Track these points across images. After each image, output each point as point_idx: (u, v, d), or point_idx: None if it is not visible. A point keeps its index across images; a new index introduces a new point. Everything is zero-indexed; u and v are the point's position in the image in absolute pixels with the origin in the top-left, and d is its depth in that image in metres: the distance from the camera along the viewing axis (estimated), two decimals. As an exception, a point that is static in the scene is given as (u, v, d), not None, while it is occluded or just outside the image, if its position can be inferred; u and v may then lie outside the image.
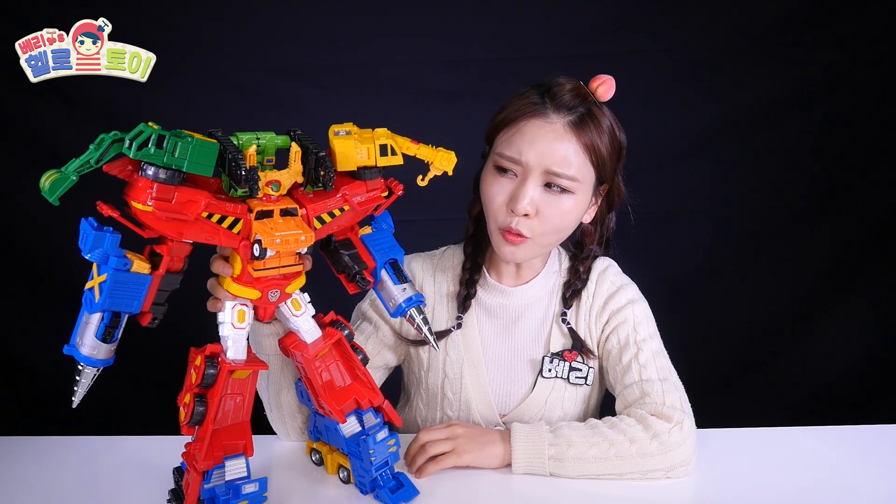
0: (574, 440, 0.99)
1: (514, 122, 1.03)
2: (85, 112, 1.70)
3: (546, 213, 1.02)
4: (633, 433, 0.99)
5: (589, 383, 1.13)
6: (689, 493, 0.97)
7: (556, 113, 1.02)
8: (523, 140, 1.01)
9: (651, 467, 0.98)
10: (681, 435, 0.99)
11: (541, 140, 1.01)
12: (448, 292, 1.16)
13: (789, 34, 1.78)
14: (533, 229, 1.03)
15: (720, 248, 1.90)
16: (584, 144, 1.02)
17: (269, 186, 0.82)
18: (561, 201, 1.03)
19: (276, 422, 1.07)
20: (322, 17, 1.74)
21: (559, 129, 1.01)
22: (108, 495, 0.96)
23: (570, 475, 0.99)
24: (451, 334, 1.14)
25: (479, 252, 1.16)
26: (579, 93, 1.03)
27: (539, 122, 1.02)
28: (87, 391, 0.79)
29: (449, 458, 1.00)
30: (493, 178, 1.05)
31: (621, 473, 0.98)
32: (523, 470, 0.99)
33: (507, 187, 1.03)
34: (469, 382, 1.14)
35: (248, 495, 0.86)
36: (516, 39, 1.75)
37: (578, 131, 1.01)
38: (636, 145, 1.80)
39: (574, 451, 0.99)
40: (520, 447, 1.00)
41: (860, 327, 1.93)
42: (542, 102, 1.03)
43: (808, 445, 1.08)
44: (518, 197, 1.01)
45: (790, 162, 1.86)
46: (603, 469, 0.98)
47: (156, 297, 0.80)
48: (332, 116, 0.90)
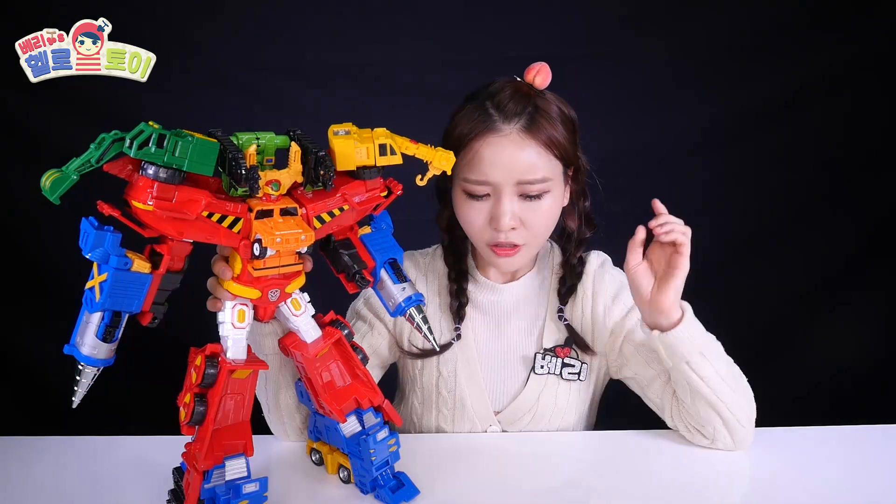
0: (716, 351, 1.04)
1: (469, 145, 1.01)
2: (85, 112, 1.70)
3: (530, 219, 1.03)
4: (744, 379, 1.05)
5: (582, 379, 1.14)
6: (689, 493, 0.97)
7: (506, 123, 1.00)
8: (484, 161, 1.00)
9: (744, 411, 1.03)
10: None
11: (501, 156, 0.99)
12: (441, 298, 1.16)
13: (789, 34, 1.78)
14: (523, 237, 1.03)
15: (720, 248, 1.90)
16: (543, 143, 1.01)
17: (269, 186, 0.82)
18: (540, 205, 1.03)
19: (275, 422, 1.07)
20: (322, 17, 1.74)
21: (515, 139, 1.00)
22: (108, 495, 0.96)
23: (701, 375, 1.00)
24: (444, 321, 1.14)
25: (460, 258, 1.16)
26: (520, 92, 1.02)
27: (493, 138, 1.00)
28: (87, 391, 0.79)
29: (684, 257, 1.01)
30: (466, 204, 1.04)
31: (728, 404, 1.01)
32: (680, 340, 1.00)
33: (482, 209, 1.03)
34: (463, 380, 1.14)
35: (248, 495, 0.86)
36: (516, 40, 1.75)
37: (534, 132, 1.00)
38: (636, 145, 1.81)
39: (715, 359, 1.02)
40: (690, 323, 1.01)
41: (860, 327, 1.93)
42: (488, 117, 1.00)
43: (809, 445, 1.08)
44: (498, 216, 1.01)
45: (790, 162, 1.86)
46: (721, 388, 1.01)
47: (156, 296, 0.80)
48: (331, 116, 0.90)
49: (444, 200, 1.13)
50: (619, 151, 1.74)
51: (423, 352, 1.15)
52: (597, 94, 1.57)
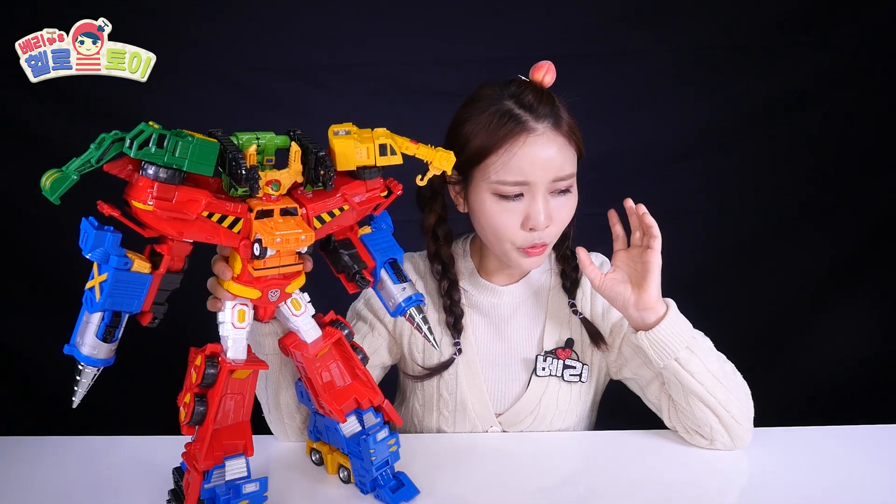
0: (706, 341, 1.05)
1: (501, 146, 1.00)
2: (85, 112, 1.70)
3: (558, 216, 1.03)
4: (738, 376, 1.06)
5: (583, 380, 1.14)
6: (688, 493, 0.97)
7: (538, 122, 1.00)
8: (524, 162, 1.00)
9: (739, 408, 1.02)
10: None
11: (539, 154, 1.00)
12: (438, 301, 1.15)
13: (789, 34, 1.78)
14: (551, 234, 1.04)
15: (720, 248, 1.90)
16: (568, 138, 1.02)
17: (269, 186, 0.82)
18: (566, 202, 1.04)
19: (275, 423, 1.07)
20: (322, 16, 1.74)
21: (549, 136, 1.01)
22: (108, 495, 0.96)
23: (691, 371, 1.01)
24: (444, 336, 1.14)
25: (447, 268, 1.14)
26: (542, 92, 1.03)
27: (529, 137, 1.00)
28: (87, 391, 0.79)
29: (656, 252, 1.02)
30: (497, 206, 1.03)
31: (722, 401, 1.01)
32: (666, 335, 1.01)
33: (517, 210, 1.02)
34: (464, 382, 1.14)
35: (248, 495, 0.86)
36: (516, 39, 1.75)
37: (559, 128, 1.01)
38: (635, 145, 1.81)
39: (703, 354, 1.02)
40: (675, 319, 1.02)
41: (860, 327, 1.93)
42: (518, 118, 1.00)
43: (809, 445, 1.08)
44: (537, 216, 1.01)
45: (790, 162, 1.86)
46: (712, 384, 1.01)
47: (156, 296, 0.80)
48: (331, 116, 0.90)
49: (429, 207, 1.13)
50: (619, 151, 1.75)
51: (428, 372, 1.14)
52: (595, 94, 1.56)
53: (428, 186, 1.11)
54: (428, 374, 1.14)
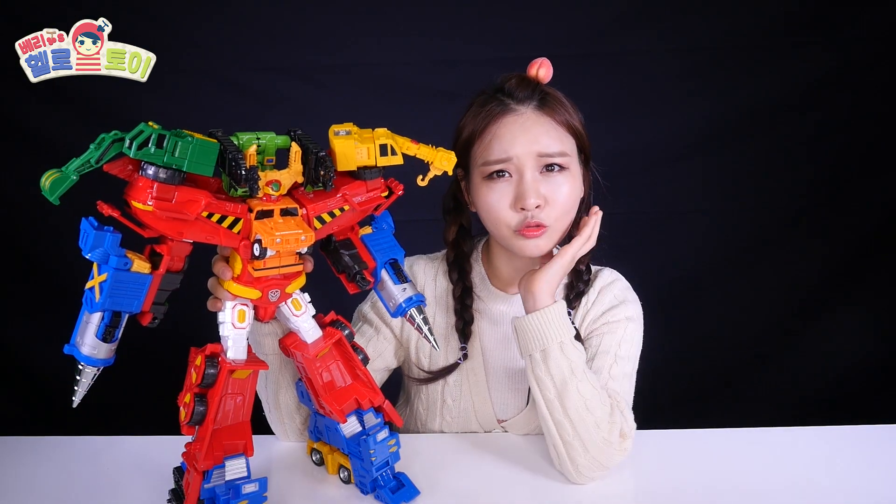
0: (574, 359, 0.97)
1: (485, 131, 1.03)
2: (85, 112, 1.70)
3: (553, 196, 1.02)
4: (608, 408, 0.97)
5: None
6: (688, 493, 0.97)
7: (519, 105, 1.03)
8: (504, 139, 1.02)
9: (598, 440, 0.95)
10: (622, 453, 0.98)
11: (520, 131, 1.02)
12: (447, 302, 1.15)
13: (789, 34, 1.78)
14: (549, 216, 1.02)
15: (720, 248, 1.90)
16: (558, 121, 1.03)
17: (270, 186, 0.82)
18: (562, 181, 1.02)
19: (275, 422, 1.07)
20: (322, 16, 1.75)
21: (532, 116, 1.03)
22: (108, 495, 0.96)
23: (539, 376, 0.96)
24: (451, 341, 1.14)
25: (465, 275, 1.15)
26: (527, 81, 1.05)
27: (510, 117, 1.03)
28: (87, 391, 0.79)
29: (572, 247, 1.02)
30: (487, 188, 1.03)
31: (574, 421, 0.94)
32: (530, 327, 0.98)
33: (506, 190, 1.02)
34: (469, 390, 1.14)
35: (248, 495, 0.86)
36: (517, 39, 1.75)
37: (548, 111, 1.03)
38: (635, 145, 1.81)
39: (565, 363, 0.96)
40: (550, 319, 0.98)
41: (860, 327, 1.93)
42: (500, 102, 1.04)
43: (808, 445, 1.08)
44: (524, 193, 1.00)
45: (789, 162, 1.86)
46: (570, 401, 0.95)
47: (156, 296, 0.80)
48: (332, 116, 0.90)
49: (451, 218, 1.14)
50: (619, 151, 1.75)
51: (432, 375, 1.14)
52: (597, 93, 1.57)
53: (450, 198, 1.13)
54: (432, 377, 1.14)
